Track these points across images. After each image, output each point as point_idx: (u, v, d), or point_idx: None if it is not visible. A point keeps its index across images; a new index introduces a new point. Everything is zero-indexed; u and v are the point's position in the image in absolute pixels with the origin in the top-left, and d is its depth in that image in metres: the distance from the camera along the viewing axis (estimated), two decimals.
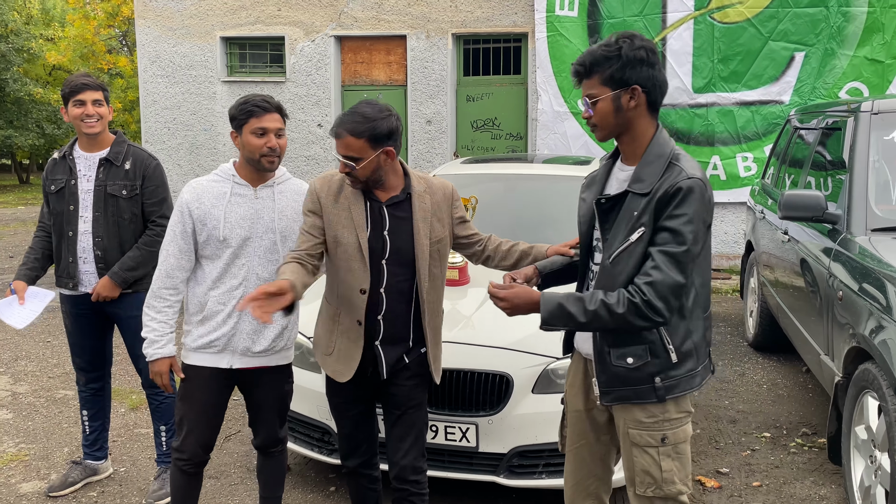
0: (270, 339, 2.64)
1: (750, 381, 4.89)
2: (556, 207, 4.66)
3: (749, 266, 5.81)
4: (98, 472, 3.58)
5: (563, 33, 8.17)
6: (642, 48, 1.98)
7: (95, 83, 3.19)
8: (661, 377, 2.03)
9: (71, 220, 3.23)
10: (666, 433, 2.08)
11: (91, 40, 19.53)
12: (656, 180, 1.97)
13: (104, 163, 3.23)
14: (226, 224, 2.56)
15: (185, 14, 9.39)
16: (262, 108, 2.53)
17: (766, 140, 7.80)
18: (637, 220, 1.98)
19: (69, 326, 3.40)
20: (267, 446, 2.83)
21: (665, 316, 1.93)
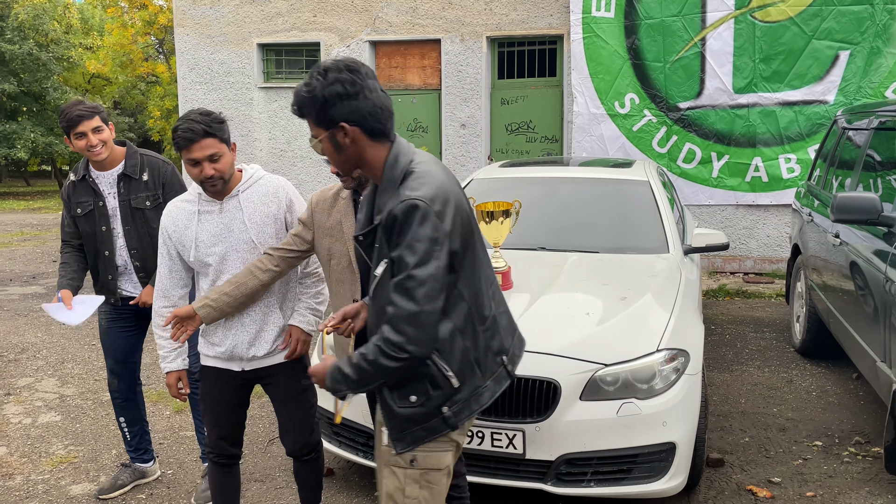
0: (271, 342, 2.68)
1: (798, 387, 4.77)
2: (598, 211, 4.61)
3: (796, 270, 5.68)
4: (146, 475, 3.64)
5: (600, 34, 8.09)
6: (337, 82, 1.86)
7: (90, 111, 3.18)
8: (449, 405, 1.94)
9: (106, 240, 3.29)
10: (416, 455, 1.97)
11: (129, 48, 19.94)
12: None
13: (123, 178, 3.28)
14: (198, 245, 2.60)
15: (222, 21, 9.52)
16: (187, 139, 2.42)
17: (810, 141, 7.63)
18: (379, 253, 1.91)
19: (104, 327, 3.47)
20: (299, 452, 2.85)
21: (410, 349, 1.81)
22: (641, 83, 8.03)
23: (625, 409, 2.98)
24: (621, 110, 8.11)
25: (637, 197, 4.63)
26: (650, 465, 3.01)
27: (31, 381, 5.10)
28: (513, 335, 2.16)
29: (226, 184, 2.56)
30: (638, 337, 3.18)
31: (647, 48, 7.97)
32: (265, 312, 2.66)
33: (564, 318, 3.32)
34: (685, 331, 3.32)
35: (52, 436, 4.20)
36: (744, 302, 7.12)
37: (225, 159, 2.52)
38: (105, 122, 3.24)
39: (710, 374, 4.99)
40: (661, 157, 8.05)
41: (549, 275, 3.78)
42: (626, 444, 2.98)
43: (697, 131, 7.96)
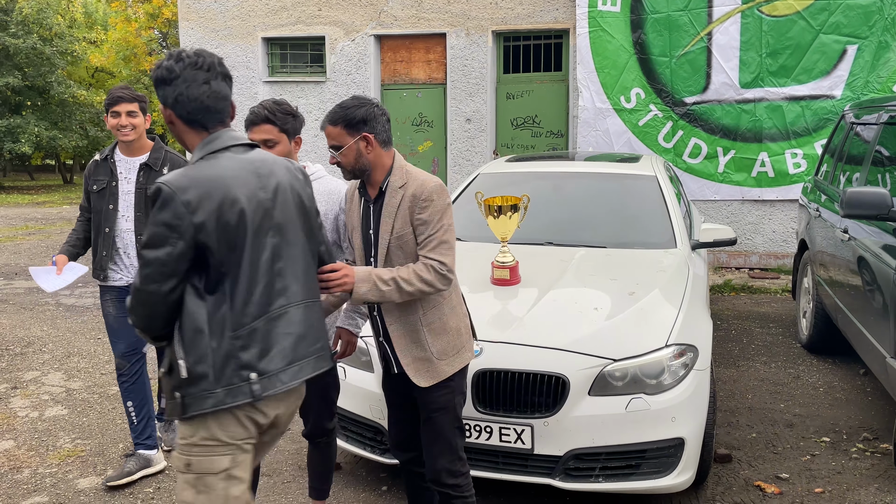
0: None
1: (805, 383, 4.76)
2: (606, 206, 4.59)
3: (803, 265, 5.66)
4: (152, 463, 3.65)
5: (606, 28, 8.06)
6: (161, 67, 2.02)
7: (131, 95, 3.46)
8: (180, 393, 1.95)
9: (109, 218, 3.50)
10: (191, 459, 1.97)
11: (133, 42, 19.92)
12: None
13: (144, 167, 3.50)
14: None
15: (227, 15, 9.50)
16: (251, 122, 2.65)
17: (817, 136, 7.60)
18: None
19: (112, 314, 3.60)
20: (314, 435, 2.94)
21: (132, 320, 1.95)
22: (647, 78, 8.00)
23: (633, 404, 2.97)
24: (627, 105, 8.09)
25: (644, 192, 4.62)
26: (658, 460, 3.00)
27: (38, 374, 5.11)
28: (291, 363, 2.04)
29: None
30: (646, 332, 3.17)
31: (654, 43, 7.94)
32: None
33: (572, 313, 3.31)
34: (694, 326, 3.31)
35: (59, 429, 4.20)
36: (749, 297, 7.10)
37: (280, 147, 2.66)
38: (143, 112, 3.53)
39: (716, 370, 4.98)
40: (667, 151, 8.03)
41: (557, 270, 3.77)
42: (634, 439, 2.97)
43: (703, 126, 7.93)
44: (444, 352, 2.49)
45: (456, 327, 2.51)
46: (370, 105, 2.43)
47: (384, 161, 2.47)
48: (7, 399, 4.68)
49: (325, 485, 3.04)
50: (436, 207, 2.40)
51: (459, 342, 2.52)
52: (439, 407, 2.51)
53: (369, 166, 2.46)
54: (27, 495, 3.46)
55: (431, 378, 2.48)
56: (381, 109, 2.46)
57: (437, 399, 2.51)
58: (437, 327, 2.48)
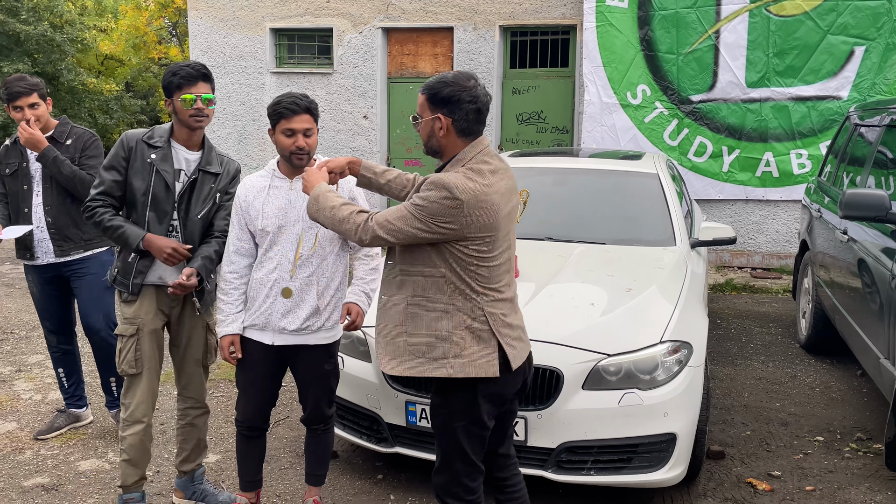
0: (303, 319, 2.81)
1: (802, 383, 4.78)
2: (606, 202, 4.61)
3: (803, 266, 5.67)
4: (80, 419, 4.04)
5: (613, 24, 8.05)
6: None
7: (29, 88, 3.52)
8: None
9: (26, 198, 3.65)
10: None
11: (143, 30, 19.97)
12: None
13: (49, 140, 3.60)
14: (263, 214, 2.78)
15: (236, 5, 9.52)
16: (291, 110, 2.68)
17: (822, 137, 7.59)
18: None
19: (36, 294, 3.83)
20: (312, 422, 3.01)
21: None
22: (654, 75, 8.00)
23: (626, 399, 3.00)
24: (633, 101, 8.08)
25: (645, 189, 4.64)
26: (650, 454, 3.04)
27: (42, 358, 5.17)
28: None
29: (309, 159, 2.75)
30: (641, 328, 3.20)
31: (661, 39, 7.93)
32: (304, 291, 2.80)
33: (569, 308, 3.34)
34: (689, 323, 3.34)
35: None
36: (750, 297, 7.12)
37: (315, 137, 2.76)
38: (43, 98, 3.60)
39: (714, 368, 5.01)
40: (672, 149, 8.03)
41: (556, 265, 3.80)
42: (626, 433, 3.00)
43: (709, 125, 7.92)
44: (418, 348, 2.32)
45: (444, 333, 2.29)
46: (460, 87, 2.27)
47: (455, 151, 2.33)
48: (11, 382, 4.74)
49: (321, 471, 3.10)
50: (422, 194, 2.22)
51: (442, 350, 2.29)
52: (436, 426, 2.42)
53: (439, 149, 2.35)
54: (29, 476, 3.52)
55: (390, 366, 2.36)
56: (473, 96, 2.28)
57: (434, 417, 2.41)
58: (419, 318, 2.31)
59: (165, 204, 2.94)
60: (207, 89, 2.90)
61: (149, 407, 3.00)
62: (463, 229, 2.23)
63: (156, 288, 3.01)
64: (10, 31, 19.26)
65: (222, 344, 2.86)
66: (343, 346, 3.45)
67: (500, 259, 2.33)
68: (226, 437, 3.94)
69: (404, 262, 2.35)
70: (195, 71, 2.86)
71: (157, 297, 3.01)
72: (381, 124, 9.29)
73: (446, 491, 2.42)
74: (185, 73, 2.84)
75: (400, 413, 3.23)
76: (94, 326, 3.75)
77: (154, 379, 3.03)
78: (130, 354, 2.97)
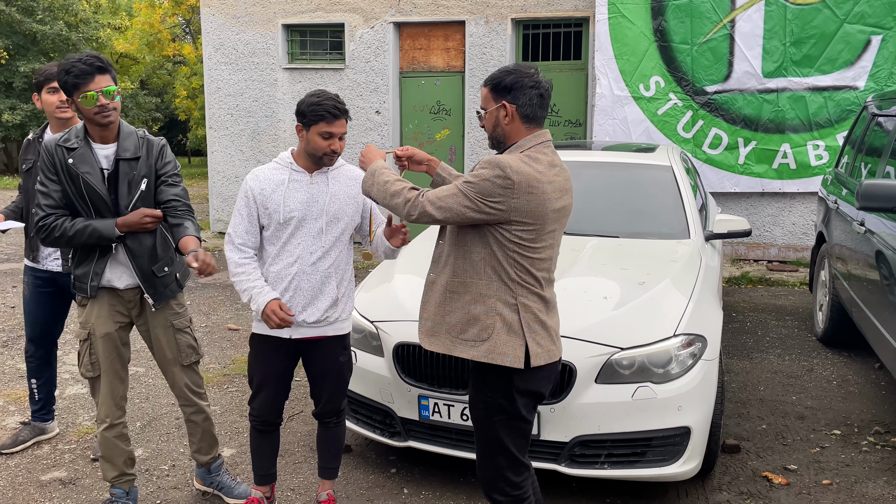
0: (323, 311, 2.84)
1: (819, 376, 4.73)
2: (620, 196, 4.58)
3: (820, 258, 5.61)
4: (46, 432, 3.89)
5: (626, 15, 7.98)
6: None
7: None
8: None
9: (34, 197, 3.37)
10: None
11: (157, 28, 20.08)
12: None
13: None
14: (285, 207, 2.78)
15: (248, 2, 9.55)
16: (333, 115, 2.70)
17: (839, 127, 7.49)
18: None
19: (27, 296, 3.66)
20: (324, 416, 3.02)
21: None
22: (668, 66, 7.92)
23: (640, 392, 2.99)
24: (646, 93, 8.02)
25: (659, 182, 4.60)
26: (664, 448, 3.02)
27: (59, 353, 5.22)
28: None
29: (336, 159, 2.82)
30: (655, 321, 3.18)
31: (675, 30, 7.85)
32: (323, 282, 2.83)
33: (582, 301, 3.32)
34: (703, 316, 3.31)
35: (78, 407, 4.31)
36: (767, 290, 7.05)
37: (345, 142, 2.80)
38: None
39: (729, 362, 4.97)
40: (686, 142, 7.96)
41: (569, 258, 3.78)
42: (640, 427, 2.99)
43: (724, 116, 7.84)
44: (454, 327, 2.35)
45: (474, 316, 2.32)
46: (522, 74, 2.31)
47: (517, 138, 2.34)
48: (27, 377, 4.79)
49: (334, 464, 3.12)
50: (475, 173, 2.25)
51: (472, 333, 2.33)
52: (474, 419, 2.42)
53: (503, 138, 2.36)
54: (46, 470, 3.56)
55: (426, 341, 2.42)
56: (535, 81, 2.31)
57: (472, 410, 2.43)
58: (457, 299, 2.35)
59: (103, 204, 2.82)
60: (108, 81, 2.72)
61: (111, 408, 2.97)
62: (510, 212, 2.23)
63: (108, 291, 2.92)
64: (26, 30, 19.45)
65: (270, 310, 2.70)
66: (356, 340, 3.46)
67: (541, 253, 2.33)
68: (240, 431, 3.97)
69: (451, 242, 2.40)
70: (89, 66, 2.68)
71: (109, 300, 2.93)
72: (393, 119, 9.28)
73: (491, 485, 2.43)
74: (79, 69, 2.66)
75: (413, 407, 3.24)
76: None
77: (114, 380, 2.97)
78: (86, 358, 2.96)
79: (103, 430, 3.00)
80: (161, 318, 3.02)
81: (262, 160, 9.74)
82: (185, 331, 3.09)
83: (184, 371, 3.10)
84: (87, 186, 2.80)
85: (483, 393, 2.38)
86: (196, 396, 3.15)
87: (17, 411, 4.22)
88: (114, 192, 2.85)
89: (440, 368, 3.17)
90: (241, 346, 5.38)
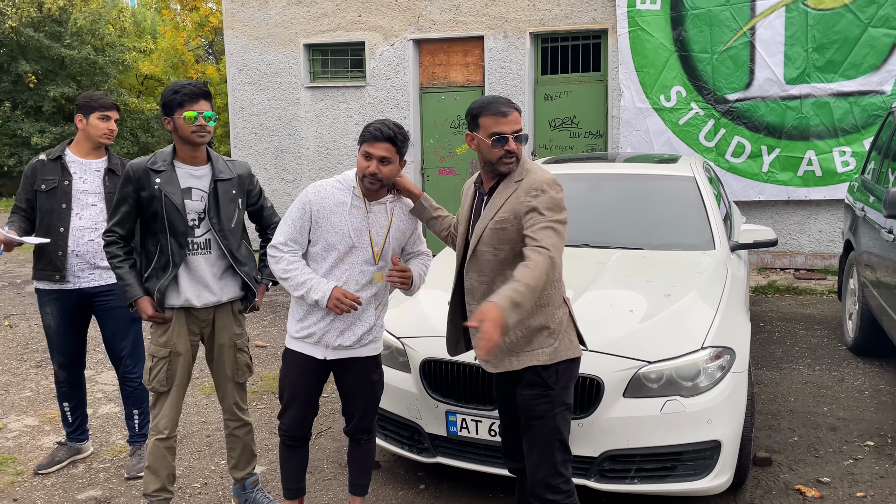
0: (359, 336, 2.87)
1: (850, 386, 4.66)
2: (643, 207, 4.58)
3: (848, 266, 5.54)
4: (81, 451, 3.96)
5: (645, 27, 7.99)
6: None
7: (112, 103, 3.65)
8: None
9: (63, 217, 3.52)
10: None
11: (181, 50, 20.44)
12: None
13: (109, 172, 3.63)
14: (340, 231, 2.79)
15: (270, 23, 9.71)
16: (374, 136, 2.72)
17: (866, 133, 7.40)
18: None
19: (53, 326, 3.65)
20: (355, 433, 3.04)
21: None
22: (688, 75, 7.91)
23: (669, 406, 2.97)
24: (667, 104, 8.00)
25: (682, 193, 4.59)
26: (695, 462, 3.00)
27: (92, 373, 5.32)
28: None
29: (382, 187, 2.79)
30: (682, 334, 3.17)
31: (694, 39, 7.84)
32: (363, 310, 2.86)
33: (608, 315, 3.32)
34: (731, 328, 3.29)
35: (111, 426, 4.38)
36: (794, 299, 6.97)
37: (392, 167, 2.75)
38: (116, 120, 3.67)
39: (758, 373, 4.91)
40: (709, 151, 7.92)
41: (593, 271, 3.78)
42: (669, 441, 2.97)
43: (747, 124, 7.80)
44: (516, 344, 2.51)
45: (538, 326, 2.50)
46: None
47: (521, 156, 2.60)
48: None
49: (364, 481, 3.13)
50: (547, 197, 2.45)
51: (539, 342, 2.51)
52: (537, 416, 2.52)
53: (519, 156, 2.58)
54: (82, 489, 3.63)
55: (494, 366, 2.55)
56: None
57: (536, 407, 2.52)
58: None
59: (180, 225, 2.96)
60: (208, 107, 2.96)
61: (170, 421, 3.07)
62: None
63: (185, 310, 3.06)
64: (54, 55, 19.92)
65: (336, 298, 2.73)
66: (383, 356, 3.48)
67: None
68: (269, 448, 4.01)
69: (493, 268, 2.54)
70: (197, 89, 2.93)
71: (186, 319, 3.07)
72: (414, 135, 9.35)
73: (546, 486, 2.50)
74: (188, 90, 2.92)
75: (440, 423, 3.25)
76: (120, 355, 3.72)
77: (180, 395, 3.11)
78: (162, 374, 3.05)
79: (158, 439, 3.08)
80: (226, 336, 3.16)
81: (286, 178, 9.86)
82: (244, 349, 3.22)
83: (236, 388, 3.24)
84: (170, 207, 2.95)
85: (545, 390, 2.51)
86: (241, 412, 3.28)
87: (53, 431, 4.31)
88: (215, 212, 3.03)
89: (467, 384, 3.19)
90: (268, 363, 5.44)
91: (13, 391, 4.98)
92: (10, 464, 3.88)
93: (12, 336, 6.32)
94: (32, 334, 6.33)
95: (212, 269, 3.06)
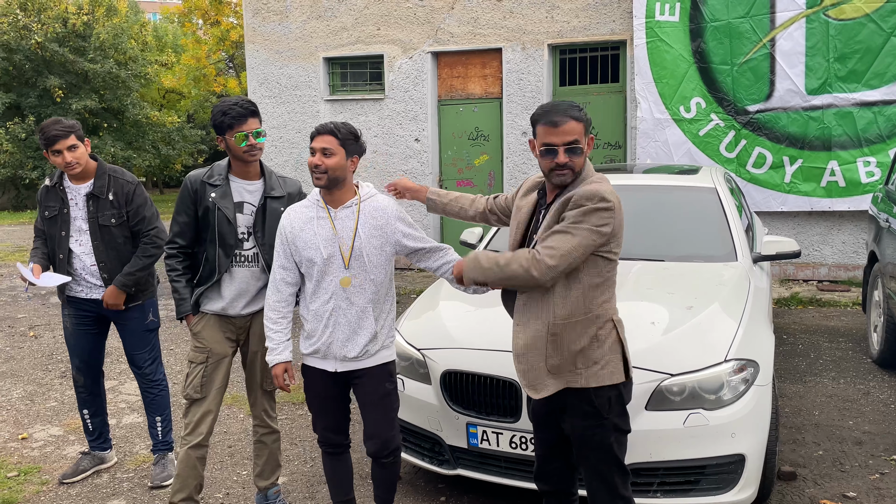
0: (362, 346, 2.86)
1: (876, 400, 4.59)
2: (664, 219, 4.55)
3: (873, 278, 5.47)
4: (105, 461, 3.98)
5: (664, 38, 7.98)
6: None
7: (65, 130, 3.46)
8: None
9: (62, 244, 3.59)
10: None
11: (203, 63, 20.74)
12: None
13: (91, 197, 3.56)
14: (311, 245, 2.81)
15: (290, 37, 9.83)
16: (317, 131, 2.80)
17: (891, 143, 7.32)
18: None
19: (70, 328, 3.75)
20: (379, 453, 2.97)
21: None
22: (708, 87, 7.88)
23: (692, 419, 2.95)
24: (687, 115, 7.98)
25: (703, 204, 4.56)
26: (718, 476, 2.97)
27: (115, 384, 5.38)
28: None
29: (330, 179, 2.78)
30: (705, 347, 3.14)
31: (714, 51, 7.82)
32: (360, 317, 2.85)
33: (629, 327, 3.28)
34: (754, 341, 3.26)
35: (135, 436, 4.42)
36: (817, 311, 6.88)
37: (336, 159, 2.76)
38: (81, 140, 3.53)
39: (782, 386, 4.85)
40: (730, 162, 7.87)
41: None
42: (693, 454, 2.95)
43: (768, 135, 7.74)
44: (559, 368, 2.46)
45: (582, 350, 2.44)
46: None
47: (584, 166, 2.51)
48: None
49: (389, 496, 3.09)
50: (577, 210, 2.36)
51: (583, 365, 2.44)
52: (594, 447, 2.48)
53: (579, 168, 2.47)
54: (106, 499, 3.66)
55: (537, 391, 2.50)
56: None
57: (591, 438, 2.47)
58: (560, 341, 2.45)
59: (230, 238, 3.09)
60: (257, 124, 3.06)
61: (205, 428, 3.14)
62: (614, 231, 2.41)
63: (219, 317, 3.15)
64: (79, 69, 20.28)
65: (275, 373, 2.89)
66: (403, 368, 3.49)
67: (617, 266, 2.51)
68: (290, 459, 4.02)
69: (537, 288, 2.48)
70: (244, 109, 3.01)
71: (220, 325, 3.16)
72: (432, 146, 9.40)
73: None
74: (236, 112, 2.99)
75: (461, 435, 3.25)
76: (139, 363, 3.78)
77: (216, 403, 3.17)
78: (197, 380, 3.12)
79: (190, 447, 3.12)
80: (259, 345, 3.22)
81: (306, 189, 9.91)
82: None
83: (265, 395, 3.30)
84: (222, 220, 3.08)
85: (597, 418, 2.46)
86: (270, 420, 3.33)
87: (77, 441, 4.36)
88: (262, 226, 3.12)
89: (489, 396, 3.18)
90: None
91: (38, 401, 5.05)
92: (35, 473, 3.93)
93: (37, 347, 6.42)
94: (57, 345, 6.42)
95: (254, 282, 3.17)
